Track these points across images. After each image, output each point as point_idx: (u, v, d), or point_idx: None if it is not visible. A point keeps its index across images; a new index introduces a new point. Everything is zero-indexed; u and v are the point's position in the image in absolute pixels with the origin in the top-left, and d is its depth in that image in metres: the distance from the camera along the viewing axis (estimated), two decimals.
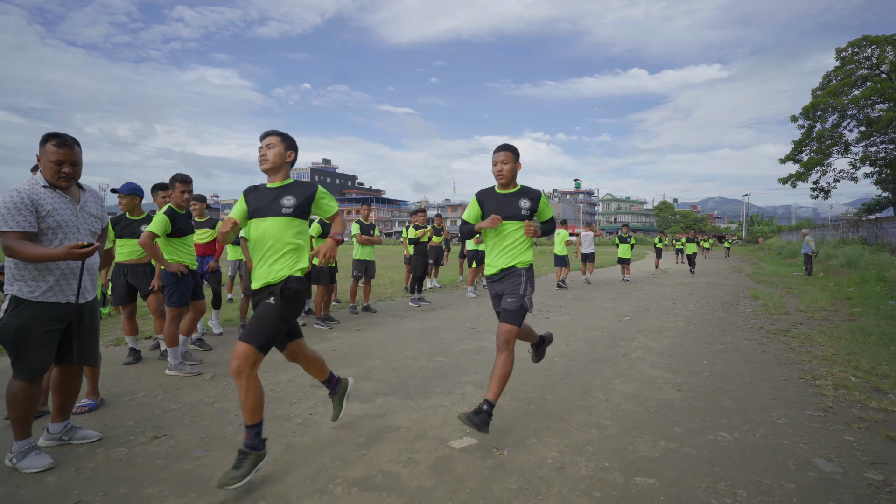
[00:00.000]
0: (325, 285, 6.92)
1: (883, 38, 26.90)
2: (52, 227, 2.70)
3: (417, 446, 2.98)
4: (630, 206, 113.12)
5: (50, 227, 2.69)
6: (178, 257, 4.57)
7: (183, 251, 4.62)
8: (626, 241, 14.46)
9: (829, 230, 30.71)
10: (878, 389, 4.02)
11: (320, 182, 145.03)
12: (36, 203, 2.63)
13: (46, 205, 2.67)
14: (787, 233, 49.76)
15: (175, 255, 4.56)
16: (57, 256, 2.57)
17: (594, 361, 5.03)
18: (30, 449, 2.68)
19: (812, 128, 30.54)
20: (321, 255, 2.77)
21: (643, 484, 2.54)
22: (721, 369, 4.73)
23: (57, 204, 2.72)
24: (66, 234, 2.75)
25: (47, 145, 2.72)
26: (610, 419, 3.44)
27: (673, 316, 7.98)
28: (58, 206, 2.72)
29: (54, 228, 2.70)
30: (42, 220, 2.66)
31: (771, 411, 3.59)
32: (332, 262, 3.16)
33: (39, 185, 2.70)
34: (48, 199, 2.69)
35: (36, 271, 2.65)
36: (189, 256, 4.67)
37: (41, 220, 2.66)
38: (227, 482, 2.36)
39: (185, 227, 4.63)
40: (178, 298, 4.50)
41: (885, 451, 2.91)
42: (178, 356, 4.50)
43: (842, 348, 5.43)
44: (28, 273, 2.65)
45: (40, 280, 2.66)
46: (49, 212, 2.68)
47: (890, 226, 19.73)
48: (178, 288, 4.50)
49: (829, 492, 2.46)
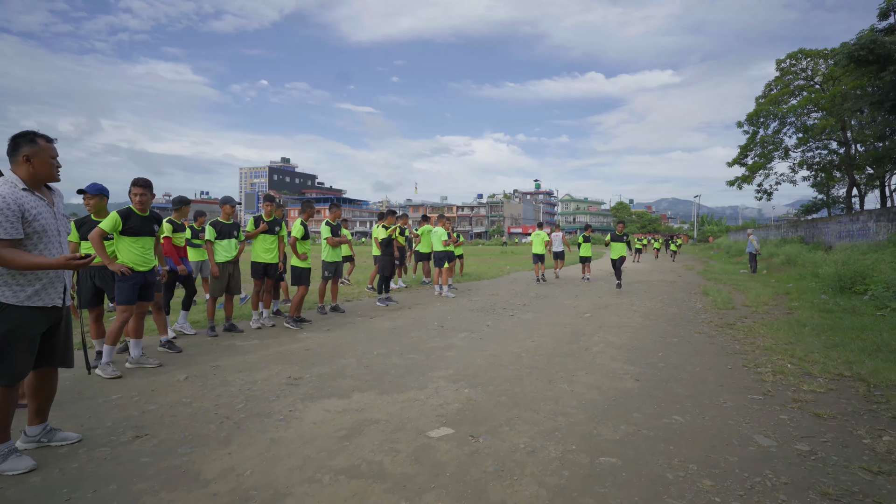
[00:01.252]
0: (307, 285, 6.98)
1: (816, 51, 28.87)
2: (38, 232, 2.65)
3: (397, 437, 3.14)
4: (588, 206, 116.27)
5: (35, 231, 2.64)
6: (125, 257, 4.52)
7: (132, 251, 4.55)
8: (588, 240, 15.09)
9: (772, 230, 32.62)
10: (810, 374, 4.48)
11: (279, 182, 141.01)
12: (22, 208, 2.58)
13: (32, 209, 2.62)
14: (735, 232, 52.43)
15: (123, 254, 4.53)
16: (54, 266, 2.53)
17: (559, 355, 5.32)
18: (10, 452, 2.68)
19: (756, 133, 32.38)
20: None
21: (606, 463, 2.80)
22: (674, 360, 5.10)
23: (39, 208, 2.68)
24: (50, 239, 2.72)
25: (39, 142, 2.68)
26: (575, 407, 3.70)
27: (630, 312, 8.43)
28: (40, 210, 2.68)
29: (39, 233, 2.66)
30: (28, 226, 2.61)
31: (718, 396, 3.95)
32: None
33: (19, 188, 2.63)
34: (31, 203, 2.64)
35: (22, 276, 2.62)
36: (138, 257, 4.57)
37: (27, 226, 2.60)
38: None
39: (140, 228, 4.57)
40: (119, 297, 4.49)
41: (813, 427, 3.30)
42: (111, 354, 4.52)
43: (780, 339, 5.93)
44: (13, 279, 2.60)
45: (27, 286, 2.63)
46: (35, 216, 2.63)
47: (824, 226, 21.24)
48: (121, 287, 4.48)
49: (766, 462, 2.79)
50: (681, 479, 2.60)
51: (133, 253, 4.57)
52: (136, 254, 4.58)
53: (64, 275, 2.83)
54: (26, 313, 2.64)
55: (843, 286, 9.73)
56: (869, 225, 16.34)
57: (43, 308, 2.70)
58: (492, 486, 2.54)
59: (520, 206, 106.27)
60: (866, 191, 30.95)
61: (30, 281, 2.64)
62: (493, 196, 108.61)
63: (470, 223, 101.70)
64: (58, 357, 2.92)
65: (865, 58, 17.36)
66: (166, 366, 4.77)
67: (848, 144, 28.21)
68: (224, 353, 5.30)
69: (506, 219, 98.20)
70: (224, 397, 3.87)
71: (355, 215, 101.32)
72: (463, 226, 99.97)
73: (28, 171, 2.68)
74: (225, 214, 6.44)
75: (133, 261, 4.55)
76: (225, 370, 4.64)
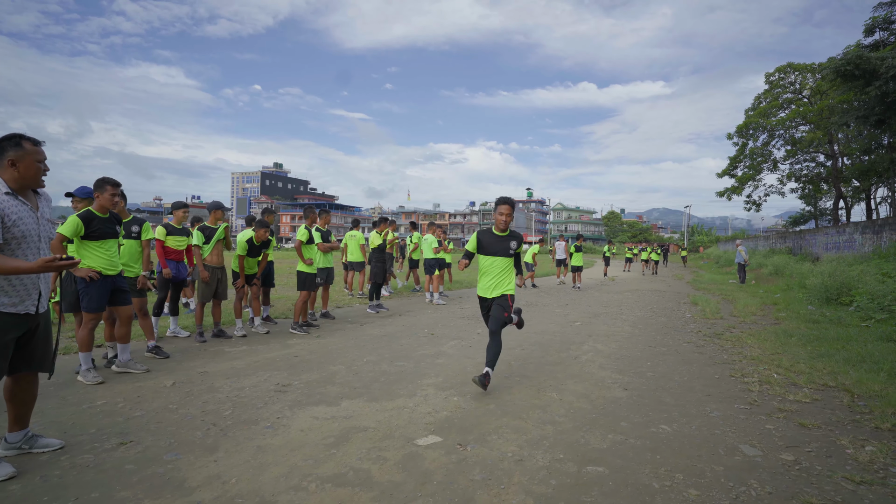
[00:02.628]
0: (310, 291, 6.96)
1: (804, 65, 29.41)
2: (17, 238, 2.58)
3: (385, 445, 3.13)
4: (580, 215, 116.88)
5: (14, 237, 2.57)
6: (91, 262, 4.36)
7: (98, 255, 4.39)
8: (580, 250, 15.19)
9: (761, 241, 32.99)
10: (795, 384, 4.52)
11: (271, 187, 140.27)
12: (2, 213, 2.52)
13: (12, 214, 2.55)
14: (724, 243, 52.94)
15: (89, 259, 4.37)
16: (32, 269, 2.44)
17: (548, 364, 5.33)
18: None
19: (745, 145, 32.84)
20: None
21: (594, 472, 2.80)
22: (663, 370, 5.13)
23: (21, 213, 2.61)
24: (29, 245, 2.66)
25: (25, 145, 2.62)
26: (563, 416, 3.71)
27: (620, 321, 8.47)
28: (22, 214, 2.61)
29: (18, 239, 2.59)
30: (7, 231, 2.54)
31: (705, 406, 3.98)
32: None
33: (2, 191, 2.57)
34: (13, 207, 2.58)
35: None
36: (105, 261, 4.42)
37: (6, 231, 2.54)
38: None
39: (104, 231, 4.41)
40: (87, 303, 4.33)
41: (798, 436, 3.33)
42: (89, 361, 4.38)
43: (767, 349, 5.99)
44: None
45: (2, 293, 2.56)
46: (14, 221, 2.56)
47: (812, 237, 21.53)
48: (88, 293, 4.32)
49: (751, 472, 2.81)
50: (667, 489, 2.61)
51: (99, 257, 4.39)
52: (101, 258, 4.40)
53: (39, 281, 2.74)
54: (3, 319, 2.57)
55: (829, 297, 9.85)
56: (855, 237, 16.59)
57: (16, 315, 2.62)
58: (479, 494, 2.53)
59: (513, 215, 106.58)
60: (853, 203, 31.44)
61: (6, 289, 2.57)
62: (486, 204, 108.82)
63: (462, 231, 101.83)
64: (35, 362, 2.85)
65: (852, 73, 17.72)
66: (153, 371, 4.71)
67: (835, 157, 28.70)
68: (212, 359, 5.26)
69: None
70: (211, 404, 3.84)
71: (347, 222, 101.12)
72: (455, 233, 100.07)
73: (13, 176, 2.62)
74: (213, 220, 6.42)
75: (99, 265, 4.38)
76: (212, 376, 4.60)
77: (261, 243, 6.75)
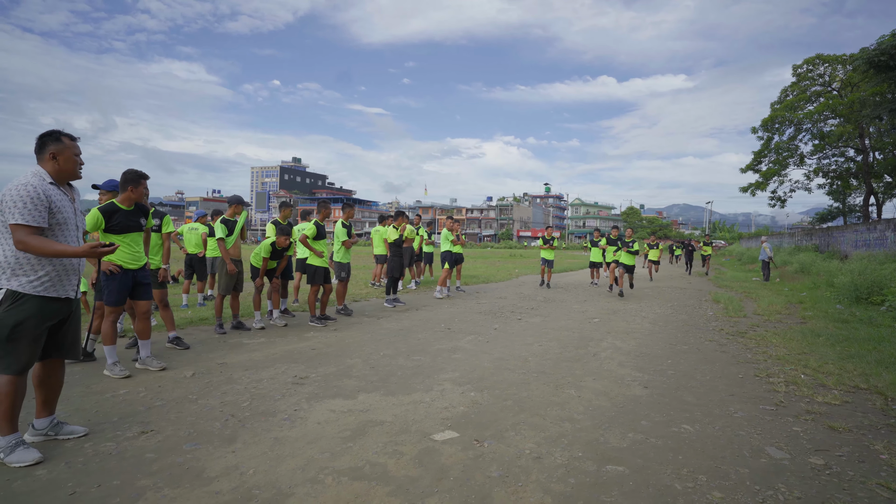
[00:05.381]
0: (320, 285, 6.99)
1: (834, 57, 28.44)
2: (60, 224, 2.79)
3: (401, 439, 3.12)
4: (598, 210, 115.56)
5: (58, 223, 2.77)
6: (112, 255, 4.29)
7: (120, 248, 4.32)
8: (596, 245, 14.89)
9: (786, 238, 32.19)
10: (824, 385, 4.38)
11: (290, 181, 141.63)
12: (49, 199, 2.72)
13: (57, 201, 2.76)
14: (747, 240, 51.82)
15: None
16: (77, 253, 2.68)
17: (566, 360, 5.26)
18: (18, 443, 2.70)
19: (770, 139, 31.96)
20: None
21: (613, 471, 2.75)
22: (684, 368, 5.03)
23: (63, 202, 2.82)
24: (68, 232, 2.85)
25: (64, 140, 2.84)
26: (582, 413, 3.65)
27: (639, 318, 8.33)
28: (63, 203, 2.83)
29: (61, 224, 2.80)
30: (52, 217, 2.74)
31: (729, 406, 3.87)
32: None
33: (46, 181, 2.77)
34: (56, 196, 2.79)
35: (39, 266, 2.71)
36: (127, 255, 4.37)
37: (51, 217, 2.74)
38: None
39: (126, 224, 4.33)
40: (107, 297, 4.33)
41: (827, 440, 3.22)
42: (114, 355, 4.35)
43: (793, 349, 5.82)
44: (31, 268, 2.69)
45: (43, 276, 2.72)
46: (59, 208, 2.77)
47: (840, 234, 20.90)
48: (108, 286, 4.32)
49: (778, 475, 2.72)
50: (689, 490, 2.54)
51: (121, 251, 4.33)
52: (123, 251, 4.34)
53: (79, 267, 2.94)
54: (41, 303, 2.72)
55: (859, 296, 9.55)
56: (887, 234, 16.04)
57: (57, 299, 2.79)
58: (496, 491, 2.50)
59: (529, 210, 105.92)
60: (884, 199, 30.39)
61: (47, 271, 2.74)
62: (503, 199, 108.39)
63: (479, 226, 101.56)
64: (65, 349, 3.00)
65: (886, 63, 17.08)
66: (173, 362, 4.78)
67: (866, 152, 27.75)
68: (231, 351, 5.32)
69: (515, 222, 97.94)
70: (230, 395, 3.87)
71: (364, 216, 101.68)
72: (472, 228, 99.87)
73: (54, 168, 2.84)
74: (231, 213, 6.48)
75: (121, 259, 4.35)
76: (231, 368, 4.65)
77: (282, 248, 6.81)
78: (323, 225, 7.32)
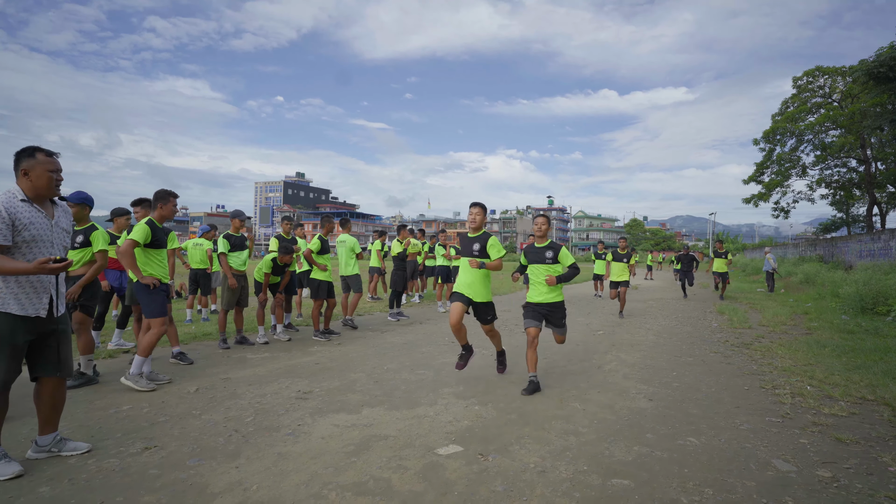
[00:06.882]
0: (324, 299, 7.00)
1: (834, 68, 28.60)
2: (28, 241, 2.74)
3: (406, 454, 3.10)
4: (602, 223, 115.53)
5: (25, 240, 2.73)
6: (152, 269, 4.63)
7: (157, 263, 4.70)
8: (600, 257, 14.89)
9: (790, 248, 32.05)
10: (831, 397, 4.34)
11: (294, 196, 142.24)
12: (13, 216, 2.67)
13: (23, 218, 2.71)
14: (751, 250, 51.58)
15: (149, 266, 4.62)
16: (28, 271, 2.57)
17: (571, 373, 5.24)
18: (0, 457, 2.70)
19: (772, 151, 32.00)
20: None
21: (619, 485, 2.73)
22: (689, 380, 4.99)
23: (34, 218, 2.76)
24: (41, 249, 2.79)
25: (38, 156, 2.78)
26: (587, 427, 3.63)
27: (644, 330, 8.29)
28: (34, 220, 2.77)
29: (29, 242, 2.74)
30: (17, 234, 2.69)
31: (734, 418, 3.84)
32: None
33: (17, 198, 2.74)
34: (25, 212, 2.73)
35: (3, 284, 2.67)
36: (162, 270, 4.73)
37: (16, 234, 2.69)
38: None
39: (160, 241, 4.71)
40: (154, 309, 4.50)
41: (835, 452, 3.18)
42: (140, 366, 4.40)
43: (799, 360, 5.78)
44: None
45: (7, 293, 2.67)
46: (25, 225, 2.71)
47: (844, 245, 20.82)
48: (154, 299, 4.53)
49: (785, 488, 2.69)
50: None
51: (158, 265, 4.70)
52: (160, 266, 4.72)
53: (50, 285, 2.82)
54: (9, 320, 2.67)
55: (864, 307, 9.49)
56: (891, 244, 15.98)
57: (26, 318, 2.73)
58: None
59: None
60: (888, 209, 30.27)
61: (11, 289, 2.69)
62: (506, 212, 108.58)
63: None
64: (52, 366, 2.90)
65: (885, 75, 17.16)
66: (177, 377, 4.79)
67: (868, 162, 27.75)
68: (235, 366, 5.32)
69: (519, 234, 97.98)
70: (233, 410, 3.87)
71: (368, 230, 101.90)
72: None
73: (27, 185, 2.78)
74: (234, 228, 6.50)
75: (159, 273, 4.68)
76: (235, 383, 4.65)
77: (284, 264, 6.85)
78: (327, 240, 7.34)
